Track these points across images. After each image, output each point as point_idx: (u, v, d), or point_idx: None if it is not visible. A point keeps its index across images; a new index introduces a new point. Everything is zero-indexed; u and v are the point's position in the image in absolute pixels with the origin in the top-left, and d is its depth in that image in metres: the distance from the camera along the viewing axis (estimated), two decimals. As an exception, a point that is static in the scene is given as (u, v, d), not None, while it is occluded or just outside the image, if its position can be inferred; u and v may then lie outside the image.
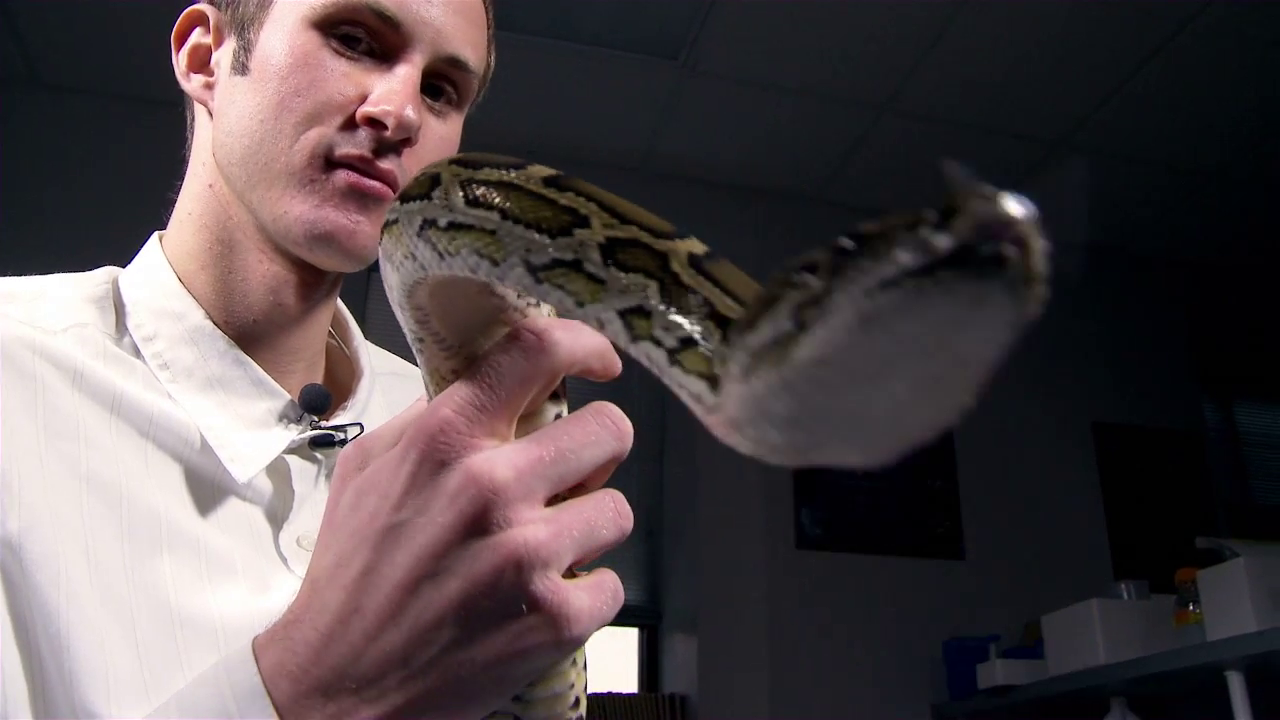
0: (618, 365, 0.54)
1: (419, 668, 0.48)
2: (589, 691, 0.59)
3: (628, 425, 0.52)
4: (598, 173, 3.69)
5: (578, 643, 0.48)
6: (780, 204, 4.01)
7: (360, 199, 0.79)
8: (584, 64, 3.32)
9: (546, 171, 0.46)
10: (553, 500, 0.49)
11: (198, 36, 0.89)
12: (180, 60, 0.89)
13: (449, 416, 0.48)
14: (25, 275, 0.83)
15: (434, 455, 0.48)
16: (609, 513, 0.50)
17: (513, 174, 0.47)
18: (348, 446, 0.55)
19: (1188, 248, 4.34)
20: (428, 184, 0.48)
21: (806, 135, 3.72)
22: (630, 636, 3.72)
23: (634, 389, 3.92)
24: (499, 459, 0.47)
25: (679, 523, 3.64)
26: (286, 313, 0.84)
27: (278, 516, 0.78)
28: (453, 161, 0.48)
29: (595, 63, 3.32)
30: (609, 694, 3.31)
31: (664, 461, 3.82)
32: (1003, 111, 3.58)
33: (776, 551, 3.49)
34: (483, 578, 0.46)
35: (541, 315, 0.52)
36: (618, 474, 0.53)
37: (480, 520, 0.46)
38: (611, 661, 3.66)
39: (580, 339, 0.51)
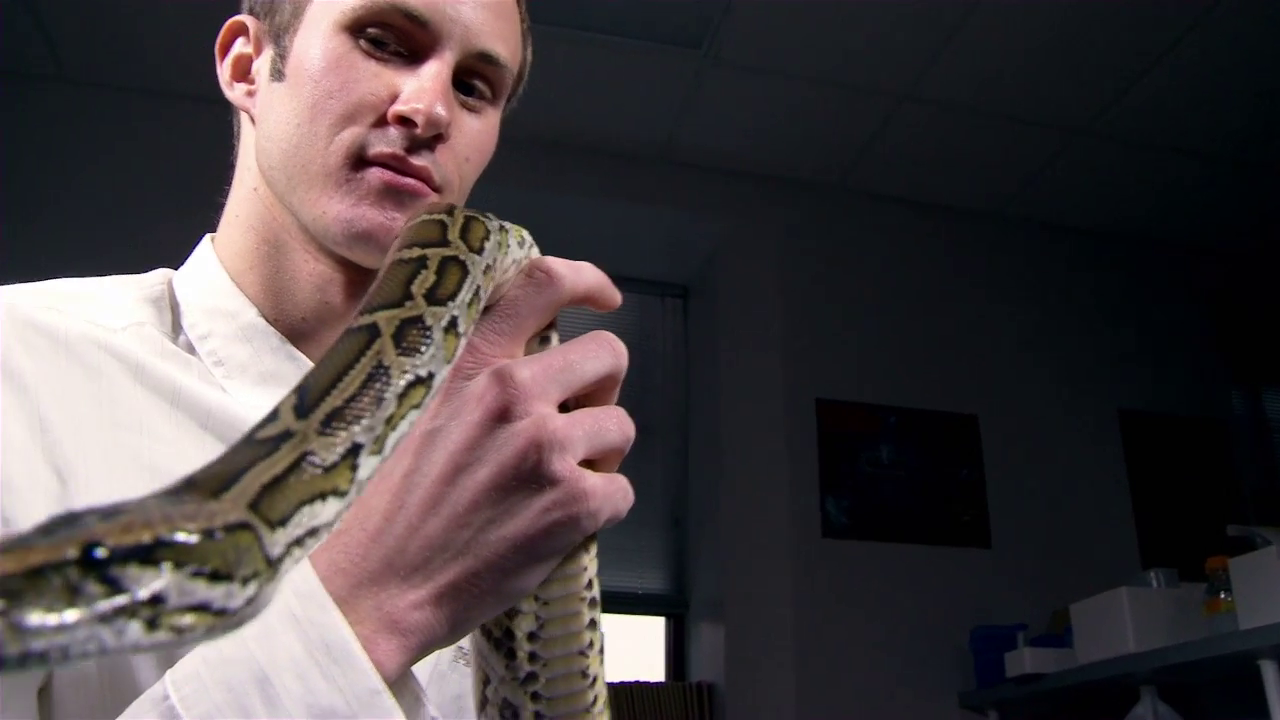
0: (617, 298, 0.64)
1: (458, 549, 0.55)
2: (614, 681, 0.63)
3: (622, 347, 0.62)
4: (617, 163, 3.73)
5: (594, 519, 0.56)
6: (801, 193, 4.00)
7: (395, 196, 0.80)
8: (605, 54, 3.31)
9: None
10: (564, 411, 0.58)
11: (239, 47, 0.91)
12: (224, 70, 0.92)
13: (474, 341, 0.58)
14: (58, 269, 0.87)
15: (462, 372, 0.57)
16: (614, 418, 0.59)
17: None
18: None
19: (1213, 235, 4.32)
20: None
21: (827, 124, 3.72)
22: (657, 626, 3.73)
23: (657, 381, 3.93)
24: (517, 364, 0.56)
25: (704, 512, 3.64)
26: (334, 310, 0.86)
27: None
28: None
29: (617, 53, 3.32)
30: (636, 683, 3.31)
31: (688, 451, 3.83)
32: (1024, 99, 3.56)
33: (803, 540, 3.50)
34: (509, 462, 0.54)
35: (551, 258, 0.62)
36: (641, 462, 0.58)
37: (504, 413, 0.55)
38: (639, 651, 3.67)
39: (582, 275, 0.61)
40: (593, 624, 0.61)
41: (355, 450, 0.46)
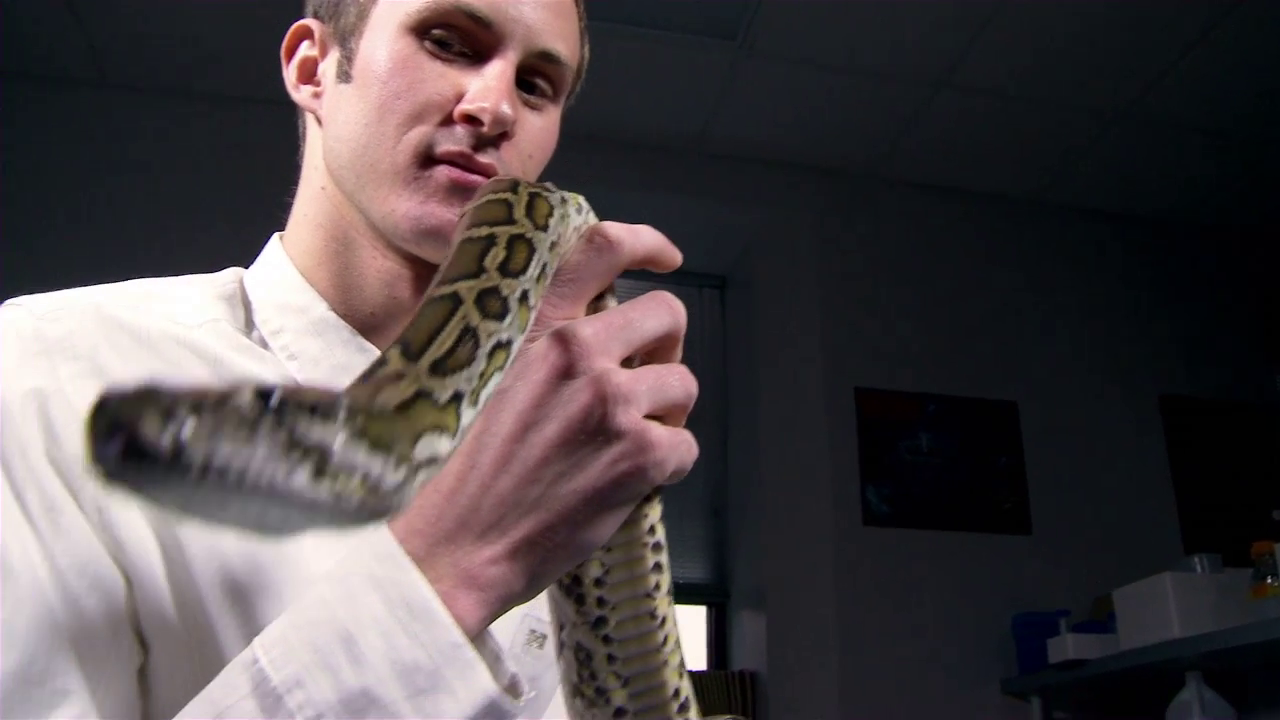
0: (677, 258, 0.66)
1: (531, 504, 0.56)
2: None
3: (681, 306, 0.64)
4: (653, 155, 3.73)
5: (660, 469, 0.57)
6: (837, 182, 4.00)
7: (462, 193, 0.82)
8: (640, 47, 3.32)
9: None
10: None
11: (305, 49, 0.94)
12: (290, 73, 0.94)
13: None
14: (101, 271, 0.90)
15: (527, 336, 0.57)
16: (676, 374, 0.61)
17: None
18: None
19: (1254, 218, 4.27)
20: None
21: (862, 113, 3.71)
22: (699, 615, 3.75)
23: (695, 371, 3.93)
24: (579, 323, 0.58)
25: (744, 501, 3.66)
26: (401, 304, 0.88)
27: None
28: None
29: (652, 45, 3.33)
30: (679, 672, 3.33)
31: (728, 440, 3.84)
32: (1061, 84, 3.54)
33: (843, 528, 3.50)
34: (575, 416, 0.56)
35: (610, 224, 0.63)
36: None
37: (569, 369, 0.56)
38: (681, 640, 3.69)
39: (640, 238, 0.64)
40: (658, 567, 0.63)
41: (458, 397, 0.49)
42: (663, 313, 0.62)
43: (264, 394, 0.38)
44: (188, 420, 0.35)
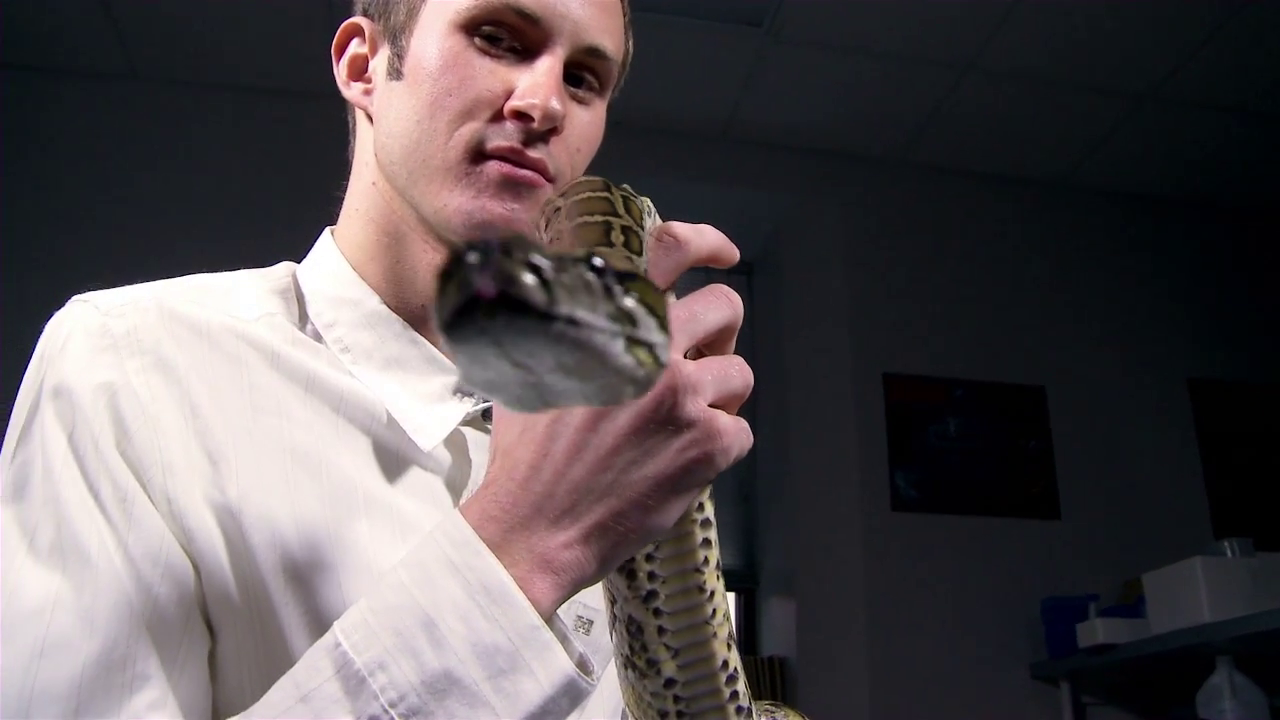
0: (735, 254, 0.69)
1: (603, 491, 0.59)
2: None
3: (738, 298, 0.66)
4: (680, 141, 3.73)
5: (726, 455, 0.60)
6: (864, 167, 4.00)
7: (514, 188, 0.84)
8: (668, 34, 3.33)
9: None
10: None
11: (355, 47, 0.95)
12: (341, 70, 0.96)
13: None
14: (128, 266, 0.90)
15: None
16: (736, 365, 0.63)
17: None
18: None
19: (1284, 197, 4.24)
20: None
21: (889, 98, 3.70)
22: (729, 600, 3.76)
23: (723, 356, 3.95)
24: None
25: (773, 487, 3.67)
26: None
27: (456, 484, 0.85)
28: None
29: (679, 33, 3.33)
30: (708, 657, 3.35)
31: (756, 427, 3.82)
32: (1087, 67, 3.52)
33: (872, 514, 3.51)
34: (647, 405, 0.58)
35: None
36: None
37: None
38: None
39: (705, 237, 0.66)
40: (706, 543, 0.66)
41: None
42: (723, 305, 0.64)
43: (591, 256, 0.40)
44: (559, 278, 0.37)
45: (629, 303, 0.41)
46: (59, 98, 3.41)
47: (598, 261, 0.39)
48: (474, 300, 0.35)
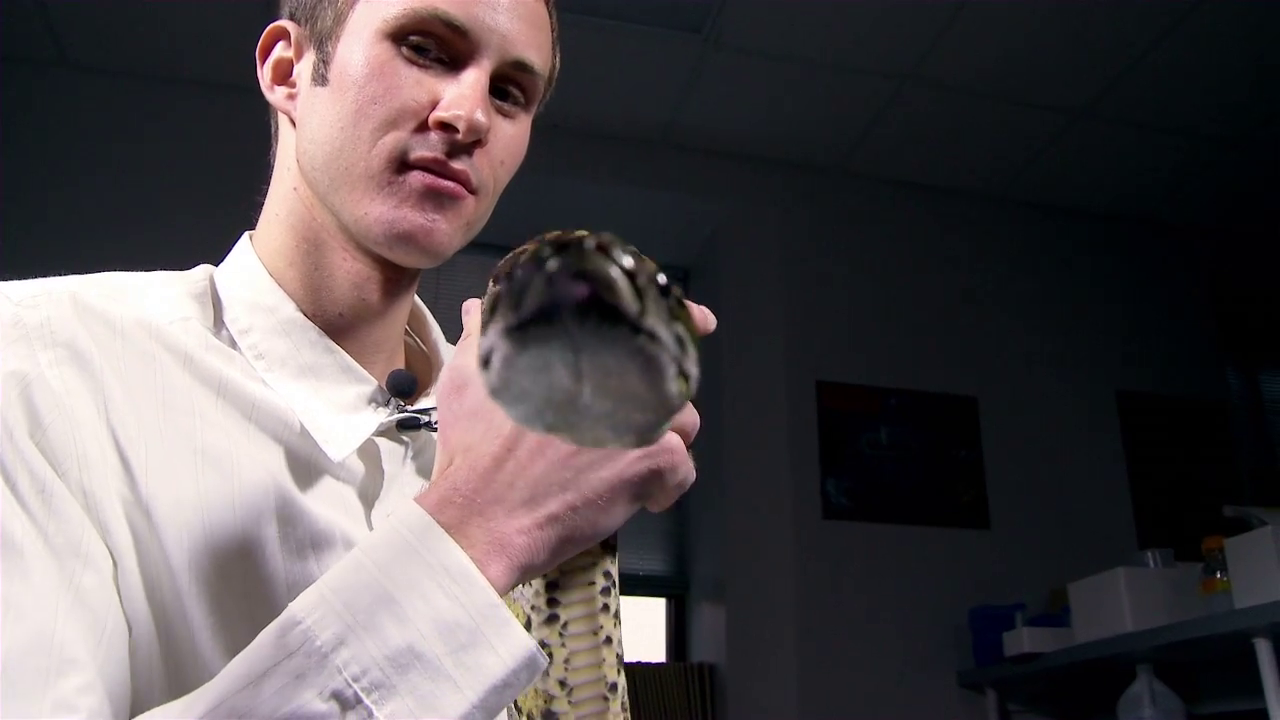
0: (712, 323, 0.72)
1: (561, 485, 0.63)
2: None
3: (711, 315, 0.71)
4: (619, 146, 3.73)
5: (675, 473, 0.67)
6: (802, 176, 4.02)
7: (436, 198, 0.83)
8: (607, 38, 3.32)
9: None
10: None
11: (280, 51, 0.93)
12: (265, 73, 0.94)
13: None
14: (60, 259, 0.88)
15: None
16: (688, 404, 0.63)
17: None
18: (443, 376, 0.70)
19: (1211, 215, 4.34)
20: None
21: (828, 107, 3.73)
22: (658, 606, 3.76)
23: (659, 361, 3.94)
24: None
25: (705, 493, 3.67)
26: (370, 307, 0.89)
27: (369, 495, 0.84)
28: None
29: (618, 37, 3.32)
30: (637, 663, 3.34)
31: (690, 433, 3.84)
32: (1024, 81, 3.57)
33: (803, 521, 3.52)
34: None
35: None
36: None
37: None
38: (640, 631, 3.70)
39: (708, 319, 0.71)
40: (606, 591, 0.72)
41: None
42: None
43: (657, 273, 0.37)
44: (648, 290, 0.35)
45: (682, 329, 0.39)
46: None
47: (662, 278, 0.37)
48: (560, 302, 0.32)
